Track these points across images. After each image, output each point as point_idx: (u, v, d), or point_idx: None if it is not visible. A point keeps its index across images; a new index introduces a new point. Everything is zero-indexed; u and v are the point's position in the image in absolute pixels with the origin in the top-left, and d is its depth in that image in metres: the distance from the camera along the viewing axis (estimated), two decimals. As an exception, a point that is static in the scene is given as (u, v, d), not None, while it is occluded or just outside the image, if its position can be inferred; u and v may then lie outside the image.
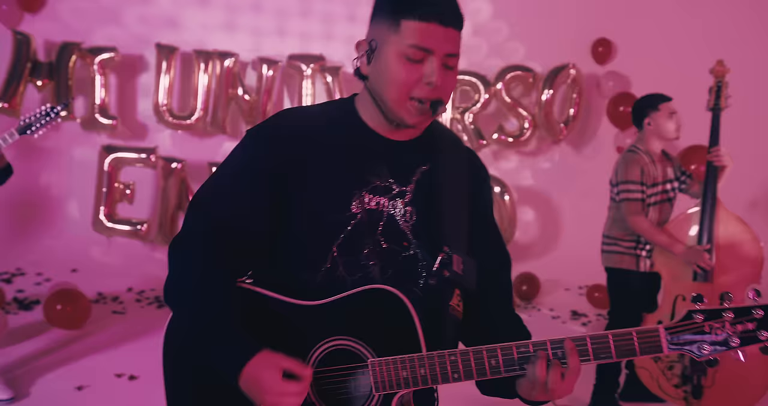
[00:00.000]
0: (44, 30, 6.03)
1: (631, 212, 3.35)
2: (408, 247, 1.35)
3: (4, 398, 3.42)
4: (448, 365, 1.24)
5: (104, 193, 5.65)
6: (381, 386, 1.26)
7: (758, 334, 1.20)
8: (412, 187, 1.37)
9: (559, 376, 1.22)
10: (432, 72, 1.28)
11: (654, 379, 3.51)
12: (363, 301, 1.28)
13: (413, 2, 1.28)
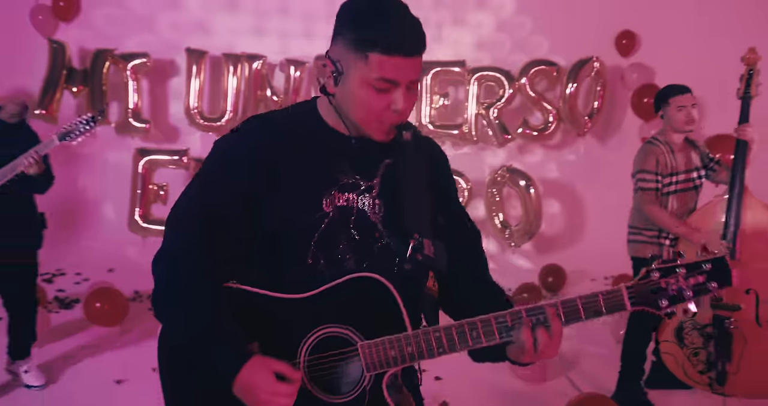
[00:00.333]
0: (78, 38, 6.23)
1: (645, 201, 3.36)
2: (380, 238, 1.42)
3: (38, 384, 3.57)
4: (432, 341, 1.32)
5: (139, 194, 5.81)
6: (372, 366, 1.33)
7: (708, 285, 1.32)
8: (377, 181, 1.44)
9: (547, 338, 1.30)
10: (398, 100, 1.34)
11: (679, 365, 3.51)
12: (348, 290, 1.35)
13: (378, 37, 1.31)
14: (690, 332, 3.47)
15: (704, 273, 1.32)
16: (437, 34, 6.70)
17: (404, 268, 1.40)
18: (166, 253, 1.42)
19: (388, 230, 1.42)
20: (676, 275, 1.32)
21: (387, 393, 1.34)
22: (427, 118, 6.18)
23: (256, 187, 1.38)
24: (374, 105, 1.34)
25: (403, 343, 1.32)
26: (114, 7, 6.40)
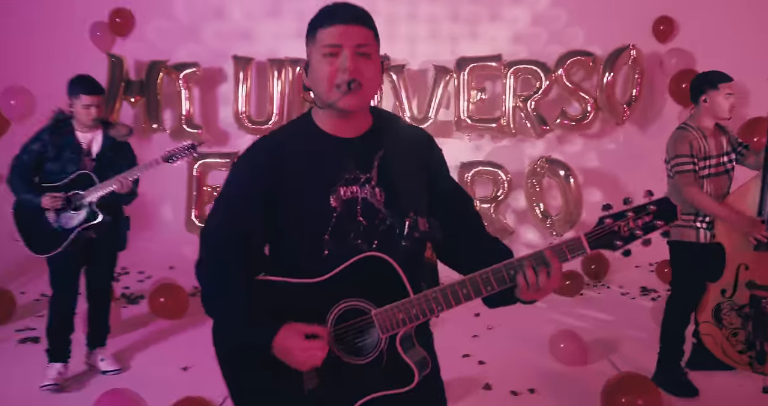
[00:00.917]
0: (134, 51, 6.56)
1: (685, 183, 3.41)
2: (384, 220, 1.60)
3: (114, 369, 3.89)
4: (432, 302, 1.52)
5: (194, 196, 6.11)
6: (385, 329, 1.54)
7: (655, 223, 1.48)
8: (374, 172, 1.62)
9: (545, 276, 1.49)
10: (344, 60, 1.53)
11: (718, 345, 3.57)
12: (358, 268, 1.54)
13: (320, 16, 1.58)
14: (728, 312, 3.53)
15: (651, 214, 1.48)
16: (474, 31, 6.81)
17: (403, 244, 1.59)
18: (201, 261, 1.65)
19: (390, 212, 1.60)
20: (626, 219, 1.49)
21: (401, 350, 1.54)
22: (465, 112, 6.29)
23: (267, 197, 1.59)
24: (327, 70, 1.54)
25: (408, 306, 1.52)
26: (164, 20, 6.72)
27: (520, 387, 3.64)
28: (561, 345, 3.95)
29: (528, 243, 6.64)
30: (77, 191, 3.60)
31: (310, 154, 1.61)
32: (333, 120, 1.61)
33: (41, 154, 3.60)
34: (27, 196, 3.59)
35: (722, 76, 3.51)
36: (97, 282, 3.91)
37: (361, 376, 1.55)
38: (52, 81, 6.07)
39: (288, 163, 1.60)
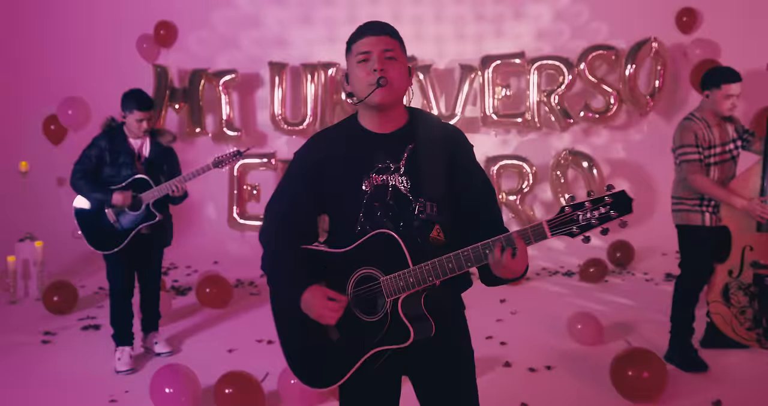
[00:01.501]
0: (177, 61, 7.01)
1: (690, 171, 3.62)
2: (409, 204, 1.89)
3: (166, 351, 4.27)
4: (425, 273, 1.78)
5: (235, 195, 6.51)
6: (389, 294, 1.82)
7: (610, 213, 1.62)
8: (403, 162, 1.91)
9: (510, 255, 1.69)
10: (373, 62, 1.84)
11: (728, 323, 3.77)
12: (374, 242, 1.84)
13: (355, 33, 1.90)
14: (735, 291, 3.72)
15: (607, 205, 1.64)
16: (499, 29, 7.05)
17: (413, 224, 1.88)
18: (263, 230, 2.02)
19: (414, 197, 1.89)
20: (584, 209, 1.65)
21: (402, 312, 1.81)
22: (490, 109, 6.54)
23: (313, 182, 1.94)
24: (362, 73, 1.85)
25: (406, 275, 1.79)
26: (205, 31, 7.15)
27: (538, 364, 3.90)
28: (578, 326, 4.19)
29: (556, 234, 6.85)
30: (136, 194, 3.99)
31: (349, 147, 1.92)
32: (371, 118, 1.91)
33: (99, 159, 3.99)
34: (97, 195, 3.97)
35: (727, 76, 3.64)
36: (148, 274, 4.30)
37: (371, 332, 1.85)
38: (105, 91, 6.57)
39: (330, 155, 1.93)
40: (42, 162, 6.30)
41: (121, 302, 4.14)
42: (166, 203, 4.17)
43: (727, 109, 3.67)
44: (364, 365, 1.87)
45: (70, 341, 4.63)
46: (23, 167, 6.00)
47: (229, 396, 3.31)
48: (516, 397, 3.45)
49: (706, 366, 3.70)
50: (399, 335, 1.81)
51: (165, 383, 3.37)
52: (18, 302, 5.63)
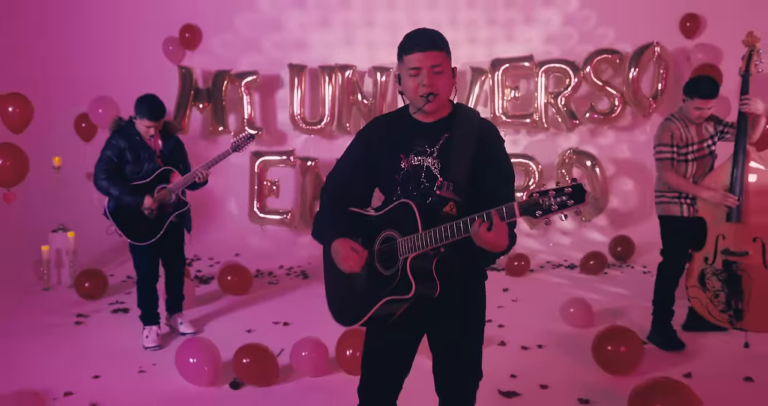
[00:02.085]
0: (201, 62, 7.58)
1: (661, 168, 4.11)
2: (437, 183, 2.32)
3: (190, 331, 4.79)
4: (426, 238, 2.19)
5: (256, 190, 7.06)
6: (402, 253, 2.26)
7: (567, 202, 1.97)
8: (438, 148, 2.35)
9: (486, 228, 2.08)
10: (422, 79, 2.26)
11: (704, 307, 4.22)
12: (398, 210, 2.31)
13: (406, 44, 2.28)
14: (710, 277, 4.18)
15: (566, 194, 1.96)
16: (510, 33, 7.55)
17: (432, 200, 2.31)
18: (323, 190, 2.53)
19: (443, 178, 2.32)
20: (548, 196, 1.98)
21: (409, 269, 2.23)
22: (500, 109, 7.03)
23: (364, 158, 2.43)
24: (413, 85, 2.26)
25: (414, 239, 2.22)
26: (228, 34, 7.71)
27: (531, 343, 4.39)
28: (571, 310, 4.66)
29: (561, 229, 7.32)
30: (163, 185, 4.47)
31: (398, 131, 2.37)
32: (419, 112, 2.31)
33: (120, 158, 4.42)
34: (128, 199, 4.40)
35: (702, 92, 4.06)
36: (172, 258, 4.80)
37: (386, 283, 2.28)
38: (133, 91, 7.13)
39: (382, 135, 2.39)
40: (73, 158, 6.89)
41: (148, 286, 4.65)
42: (184, 191, 4.61)
43: (695, 117, 4.13)
44: (381, 315, 2.30)
45: (101, 323, 5.21)
46: (56, 162, 6.59)
47: (247, 365, 3.82)
48: (507, 370, 3.93)
49: (683, 345, 4.17)
50: (405, 289, 2.21)
51: (189, 353, 3.90)
52: (51, 289, 6.24)
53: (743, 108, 4.05)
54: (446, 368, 2.42)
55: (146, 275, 4.64)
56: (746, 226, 4.04)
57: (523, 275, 6.20)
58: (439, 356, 2.43)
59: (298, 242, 7.23)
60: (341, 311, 2.43)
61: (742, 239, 4.05)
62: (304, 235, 7.24)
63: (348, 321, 2.39)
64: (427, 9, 7.66)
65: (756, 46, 4.20)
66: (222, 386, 3.84)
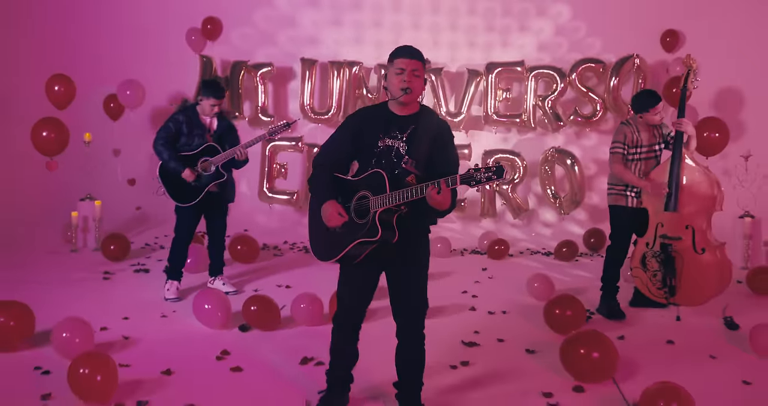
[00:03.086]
0: (221, 52, 8.45)
1: (613, 161, 4.98)
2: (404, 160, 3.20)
3: (232, 290, 5.64)
4: (391, 197, 3.07)
5: (266, 172, 7.96)
6: (372, 207, 3.14)
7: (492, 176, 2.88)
8: (406, 135, 3.26)
9: (437, 192, 2.97)
10: (404, 78, 3.16)
11: (645, 285, 5.09)
12: (372, 177, 3.19)
13: (397, 52, 3.19)
14: (650, 259, 5.04)
15: (491, 171, 2.91)
16: (505, 39, 8.41)
17: (396, 171, 3.18)
18: (316, 159, 3.39)
19: (409, 157, 3.20)
20: (479, 172, 2.93)
21: (377, 219, 3.12)
22: (492, 109, 7.90)
23: (351, 137, 3.28)
24: (396, 81, 3.13)
25: (383, 197, 3.11)
26: (246, 28, 8.59)
27: (497, 310, 5.27)
28: (535, 284, 5.54)
29: (545, 222, 8.20)
30: (206, 158, 5.36)
31: (377, 120, 3.24)
32: (395, 106, 3.22)
33: (178, 130, 5.35)
34: (173, 165, 5.29)
35: (652, 102, 4.96)
36: (216, 225, 5.70)
37: (359, 230, 3.18)
38: (158, 76, 8.13)
39: (365, 123, 3.26)
40: (101, 134, 7.78)
41: (182, 247, 5.54)
42: (230, 167, 5.50)
43: (658, 121, 5.00)
44: (353, 254, 3.20)
45: (125, 280, 6.12)
46: (87, 138, 7.49)
47: (254, 312, 4.72)
48: (472, 328, 4.81)
49: (623, 315, 5.05)
50: (373, 233, 3.12)
51: (205, 301, 4.78)
52: (78, 251, 7.16)
53: (678, 128, 4.92)
54: (401, 298, 3.33)
55: (182, 234, 5.53)
56: (681, 215, 4.91)
57: (502, 259, 7.09)
58: (396, 289, 3.33)
59: (303, 220, 8.13)
60: (323, 251, 3.31)
61: (677, 226, 4.92)
62: (307, 215, 8.13)
63: (327, 257, 3.28)
64: (431, 13, 8.52)
65: (693, 67, 5.06)
66: (232, 329, 4.74)
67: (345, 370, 3.46)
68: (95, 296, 5.54)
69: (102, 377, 3.45)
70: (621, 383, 3.78)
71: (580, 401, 3.67)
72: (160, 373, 3.90)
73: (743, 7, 7.80)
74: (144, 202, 8.15)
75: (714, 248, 4.90)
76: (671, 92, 7.34)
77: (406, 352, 3.39)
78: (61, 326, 4.11)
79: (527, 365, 4.19)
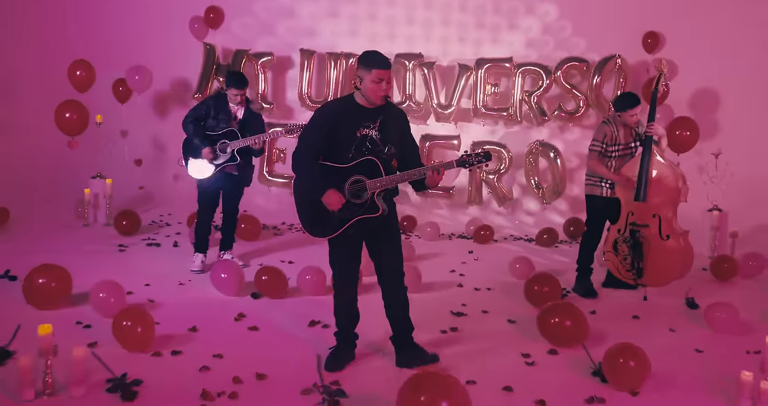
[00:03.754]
0: (223, 40, 9.01)
1: (591, 157, 5.67)
2: (379, 146, 3.87)
3: (241, 264, 6.23)
4: (388, 181, 3.80)
5: (266, 157, 8.56)
6: (370, 189, 3.84)
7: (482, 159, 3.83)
8: (377, 125, 3.90)
9: (437, 174, 3.78)
10: (384, 87, 3.80)
11: (616, 267, 5.79)
12: (364, 163, 3.84)
13: (375, 63, 3.76)
14: (621, 244, 5.73)
15: (480, 155, 3.80)
16: (495, 36, 9.06)
17: (383, 157, 3.87)
18: (294, 154, 3.97)
19: (382, 144, 3.88)
20: (471, 156, 3.79)
21: (377, 200, 3.83)
22: (481, 103, 8.56)
23: (327, 129, 3.87)
24: (375, 88, 3.77)
25: (379, 181, 3.81)
26: (247, 17, 9.16)
27: (482, 287, 5.95)
28: (517, 265, 6.22)
29: (528, 210, 8.90)
30: (225, 140, 5.94)
31: (349, 113, 3.86)
32: (364, 101, 3.90)
33: (206, 113, 5.95)
34: (197, 141, 5.90)
35: (631, 103, 5.61)
36: (229, 205, 6.28)
37: (358, 209, 3.85)
38: (164, 61, 8.67)
39: (338, 116, 3.86)
40: (111, 116, 8.32)
41: (203, 219, 6.16)
42: (249, 154, 6.10)
43: (633, 122, 5.68)
44: (348, 227, 3.87)
45: (139, 252, 6.73)
46: (98, 119, 8.03)
47: (265, 282, 5.36)
48: (460, 301, 5.48)
49: (596, 294, 5.75)
50: (373, 210, 3.85)
51: (221, 271, 5.42)
52: (89, 225, 7.74)
53: (648, 132, 5.60)
54: (383, 263, 4.06)
55: (203, 209, 6.16)
56: (649, 205, 5.61)
57: (487, 243, 7.77)
58: (378, 257, 4.06)
59: (298, 204, 8.76)
60: (320, 230, 3.94)
61: (646, 215, 5.61)
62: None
63: (325, 234, 3.93)
64: (423, 8, 9.13)
65: (664, 71, 5.75)
66: (245, 296, 5.37)
67: (349, 329, 4.14)
68: (115, 265, 6.14)
69: (142, 329, 4.08)
70: (590, 349, 4.45)
71: (553, 362, 4.34)
72: (187, 330, 4.53)
73: (723, 9, 8.43)
74: (147, 182, 8.77)
75: (678, 235, 5.61)
76: (649, 92, 8.02)
77: (394, 301, 4.11)
78: (97, 287, 4.72)
79: (509, 332, 4.88)
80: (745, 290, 6.20)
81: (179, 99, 9.13)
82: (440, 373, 3.21)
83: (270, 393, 3.67)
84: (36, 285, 4.73)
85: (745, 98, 8.28)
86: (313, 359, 4.14)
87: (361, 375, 3.98)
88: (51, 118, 7.67)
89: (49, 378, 3.46)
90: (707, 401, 3.80)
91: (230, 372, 3.87)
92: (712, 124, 8.47)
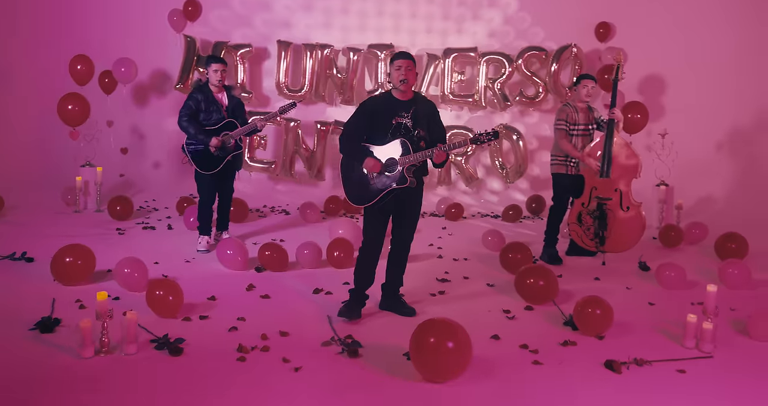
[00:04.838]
0: (201, 33, 9.48)
1: (559, 136, 6.41)
2: (411, 131, 4.61)
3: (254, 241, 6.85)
4: (414, 157, 4.53)
5: (247, 142, 9.09)
6: (401, 164, 4.56)
7: (491, 137, 4.53)
8: (410, 114, 4.64)
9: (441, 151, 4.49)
10: (401, 73, 4.57)
11: (579, 237, 6.57)
12: (398, 144, 4.57)
13: (395, 56, 4.65)
14: (585, 216, 6.50)
15: (491, 134, 4.52)
16: (460, 27, 9.74)
17: (414, 139, 4.59)
18: (340, 137, 4.76)
19: (413, 129, 4.60)
20: (482, 134, 4.51)
21: (406, 173, 4.55)
22: (448, 89, 9.25)
23: (368, 117, 4.63)
24: (396, 74, 4.58)
25: (409, 157, 4.52)
26: (224, 10, 9.64)
27: (459, 257, 6.66)
28: (489, 238, 6.96)
29: (492, 190, 9.66)
30: (226, 132, 6.44)
31: (386, 104, 4.64)
32: (398, 94, 4.64)
33: (197, 107, 6.37)
34: (201, 137, 6.32)
35: (582, 76, 6.43)
36: (226, 187, 6.81)
37: (390, 180, 4.57)
38: (148, 53, 9.12)
39: (377, 107, 4.64)
40: (97, 107, 8.74)
41: (207, 206, 6.64)
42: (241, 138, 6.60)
43: (584, 95, 6.43)
44: (382, 198, 4.59)
45: (137, 234, 7.23)
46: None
47: (269, 257, 5.96)
48: (442, 270, 6.18)
49: (561, 261, 6.52)
50: (403, 182, 4.55)
51: (227, 247, 6.00)
52: (81, 211, 8.18)
53: (611, 116, 6.36)
54: (401, 233, 4.86)
55: (206, 198, 6.63)
56: (611, 180, 6.38)
57: (457, 220, 8.49)
58: (399, 228, 4.83)
59: (278, 187, 9.34)
60: (358, 198, 4.69)
61: (608, 189, 6.39)
62: (284, 182, 9.36)
63: (365, 202, 4.66)
64: (393, 1, 9.75)
65: (621, 62, 6.52)
66: (249, 271, 5.97)
67: (363, 289, 4.82)
68: (120, 246, 6.63)
69: (173, 298, 4.66)
70: (560, 305, 5.20)
71: (530, 316, 5.07)
72: (206, 299, 5.12)
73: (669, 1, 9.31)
74: (128, 170, 9.24)
75: (635, 207, 6.40)
76: (603, 78, 8.85)
77: (397, 259, 4.91)
78: (121, 264, 5.26)
79: (489, 292, 5.60)
80: (690, 254, 7.05)
81: (158, 90, 9.58)
82: (446, 319, 3.89)
83: (296, 346, 4.30)
84: (63, 263, 5.24)
85: (688, 83, 9.16)
86: (325, 318, 4.78)
87: (371, 329, 4.64)
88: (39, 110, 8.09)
89: (105, 338, 4.02)
90: (660, 341, 4.57)
91: (256, 331, 4.48)
92: (658, 107, 9.34)
